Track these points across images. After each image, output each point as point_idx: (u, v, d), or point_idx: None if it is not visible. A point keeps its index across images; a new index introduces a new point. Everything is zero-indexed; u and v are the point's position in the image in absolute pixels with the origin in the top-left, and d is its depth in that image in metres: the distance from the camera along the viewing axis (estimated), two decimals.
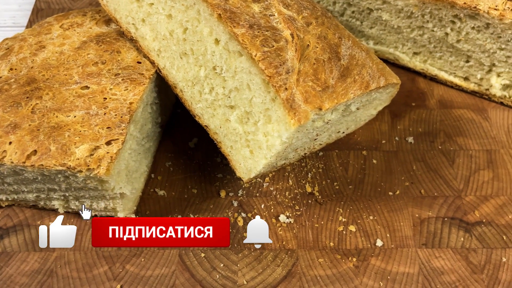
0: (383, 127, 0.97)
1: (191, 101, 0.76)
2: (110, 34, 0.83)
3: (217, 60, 0.70)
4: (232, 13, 0.66)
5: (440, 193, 0.87)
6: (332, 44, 0.71)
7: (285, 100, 0.62)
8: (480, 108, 1.00)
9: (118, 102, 0.73)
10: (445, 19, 0.91)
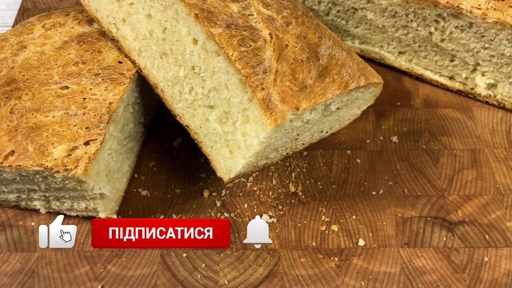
0: (367, 126, 0.97)
1: (172, 101, 0.76)
2: (92, 34, 0.83)
3: (195, 60, 0.69)
4: (210, 13, 0.65)
5: (424, 192, 0.87)
6: (311, 44, 0.71)
7: (262, 100, 0.62)
8: (465, 107, 1.00)
9: (98, 102, 0.72)
10: (429, 18, 0.91)
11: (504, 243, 0.81)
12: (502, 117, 0.98)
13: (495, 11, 0.85)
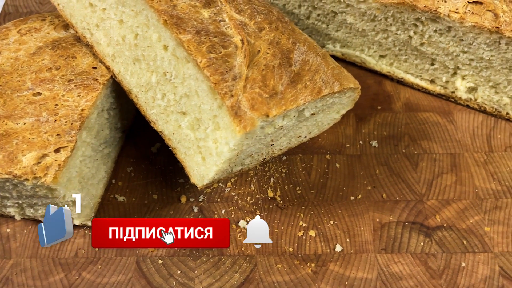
0: (347, 130, 0.96)
1: (146, 107, 0.76)
2: (67, 39, 0.82)
3: (166, 66, 0.69)
4: (179, 19, 0.65)
5: (402, 197, 0.87)
6: (284, 50, 0.70)
7: (230, 107, 0.61)
8: (446, 111, 0.99)
9: (70, 108, 0.72)
10: (408, 22, 0.91)
11: (482, 249, 0.81)
12: (482, 120, 0.98)
13: (473, 15, 0.84)
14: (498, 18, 0.84)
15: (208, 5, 0.69)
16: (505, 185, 0.88)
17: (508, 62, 0.88)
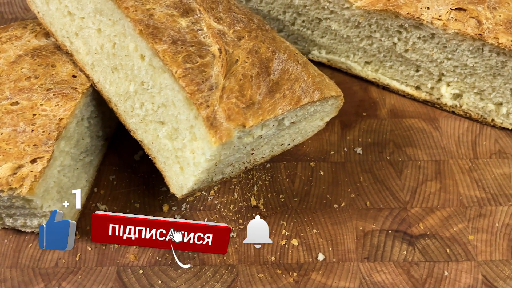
0: (332, 137, 0.96)
1: (125, 116, 0.75)
2: (47, 48, 0.81)
3: (143, 76, 0.68)
4: (155, 29, 0.64)
5: (386, 205, 0.87)
6: (263, 59, 0.70)
7: (206, 118, 0.61)
8: (432, 118, 0.99)
9: (48, 118, 0.71)
10: (392, 29, 0.90)
11: (465, 257, 0.81)
12: (468, 127, 0.97)
13: (456, 22, 0.84)
14: (481, 25, 0.83)
15: (186, 14, 0.69)
16: (489, 193, 0.88)
17: (492, 69, 0.88)
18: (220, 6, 0.74)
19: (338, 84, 1.04)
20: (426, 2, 0.86)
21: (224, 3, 0.76)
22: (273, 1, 0.97)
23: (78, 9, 0.74)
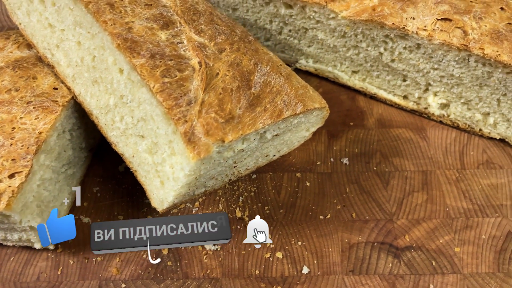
0: (319, 147, 0.95)
1: (106, 129, 0.74)
2: (29, 59, 0.81)
3: (122, 89, 0.68)
4: (133, 42, 0.64)
5: (372, 216, 0.86)
6: (244, 72, 0.69)
7: (183, 134, 0.60)
8: (419, 127, 0.98)
9: (27, 132, 0.70)
10: (377, 39, 0.90)
11: (451, 269, 0.80)
12: (455, 137, 0.97)
13: (442, 32, 0.83)
14: (467, 36, 0.83)
15: (166, 27, 0.68)
16: (476, 204, 0.87)
17: (478, 79, 0.87)
18: (202, 18, 0.73)
19: (326, 93, 1.04)
20: (412, 12, 0.85)
21: (206, 15, 0.75)
22: (259, 10, 0.97)
23: (58, 21, 0.74)
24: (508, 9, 0.86)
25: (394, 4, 0.86)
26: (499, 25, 0.84)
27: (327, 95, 1.04)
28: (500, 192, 0.89)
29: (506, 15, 0.85)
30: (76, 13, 0.70)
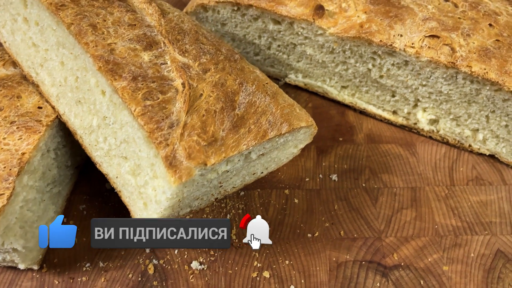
0: (308, 164, 0.95)
1: (90, 149, 0.74)
2: (14, 77, 0.80)
3: (105, 111, 0.67)
4: (115, 65, 0.63)
5: (360, 234, 0.85)
6: (229, 92, 0.69)
7: (165, 158, 0.59)
8: (409, 143, 0.98)
9: (9, 153, 0.70)
10: (365, 56, 0.89)
11: None
12: (445, 152, 0.96)
13: (429, 49, 0.83)
14: (454, 53, 0.82)
15: (150, 48, 0.68)
16: (465, 221, 0.87)
17: (466, 96, 0.87)
18: (187, 38, 0.73)
19: (315, 107, 1.04)
20: (399, 29, 0.85)
21: (192, 34, 0.75)
22: (248, 26, 0.97)
23: (42, 41, 0.73)
24: (496, 25, 0.86)
25: (381, 21, 0.86)
26: (487, 42, 0.83)
27: (316, 110, 1.03)
28: (489, 209, 0.88)
29: (494, 31, 0.85)
30: (58, 33, 0.69)
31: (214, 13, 0.97)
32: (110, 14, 0.69)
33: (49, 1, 0.67)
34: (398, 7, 0.87)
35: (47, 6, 0.67)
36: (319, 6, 0.88)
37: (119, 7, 0.71)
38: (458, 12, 0.87)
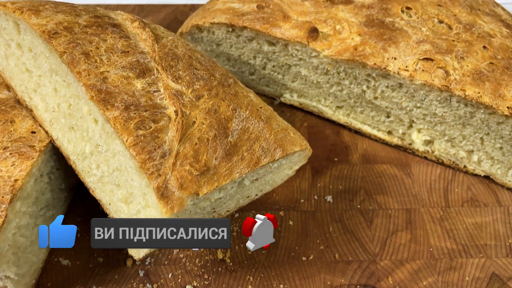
0: (303, 184, 0.94)
1: (83, 175, 0.73)
2: (8, 101, 0.80)
3: (98, 139, 0.67)
4: (108, 94, 0.63)
5: (355, 257, 0.85)
6: (222, 119, 0.69)
7: (156, 189, 0.59)
8: (404, 163, 0.98)
9: (2, 180, 0.70)
10: (360, 77, 0.89)
11: None
12: (440, 173, 0.96)
13: (423, 72, 0.83)
14: (448, 76, 0.82)
15: (143, 75, 0.68)
16: (460, 244, 0.86)
17: (461, 119, 0.87)
18: (180, 63, 0.73)
19: (310, 127, 1.04)
20: (393, 52, 0.85)
21: (185, 59, 0.75)
22: (243, 46, 0.97)
23: (35, 67, 0.73)
24: (490, 47, 0.86)
25: (375, 44, 0.86)
26: (481, 65, 0.84)
27: (311, 129, 1.03)
28: (484, 231, 0.88)
29: (488, 54, 0.85)
30: (51, 61, 0.69)
31: (209, 34, 0.97)
32: (103, 41, 0.69)
33: (42, 29, 0.67)
34: (392, 30, 0.87)
35: (40, 34, 0.67)
36: (313, 28, 0.88)
37: (112, 33, 0.71)
38: (452, 34, 0.87)
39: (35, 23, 0.68)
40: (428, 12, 0.90)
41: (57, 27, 0.68)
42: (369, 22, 0.88)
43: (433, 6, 0.91)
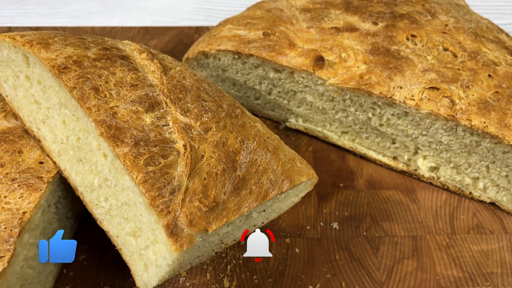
0: (308, 211, 0.94)
1: (91, 206, 0.74)
2: (16, 130, 0.80)
3: (107, 173, 0.67)
4: (117, 130, 0.63)
5: (362, 285, 0.85)
6: (230, 152, 0.69)
7: (166, 226, 0.59)
8: (409, 189, 0.98)
9: (10, 212, 0.70)
10: (365, 105, 0.90)
11: None
12: (446, 199, 0.96)
13: (429, 101, 0.84)
14: (454, 105, 0.83)
15: (152, 109, 0.68)
16: (466, 272, 0.86)
17: (466, 147, 0.87)
18: (188, 96, 0.73)
19: (315, 151, 1.04)
20: (399, 81, 0.85)
21: (194, 90, 0.75)
22: (249, 73, 0.97)
23: (44, 99, 0.74)
24: (495, 76, 0.87)
25: (381, 72, 0.86)
26: (486, 94, 0.84)
27: (317, 154, 1.04)
28: (490, 259, 0.88)
29: (494, 83, 0.86)
30: (61, 94, 0.70)
31: (215, 60, 0.97)
32: (112, 74, 0.70)
33: (51, 64, 0.67)
34: (398, 58, 0.88)
35: (50, 69, 0.67)
36: (319, 57, 0.88)
37: (121, 66, 0.72)
38: (457, 62, 0.88)
39: (45, 57, 0.68)
40: (433, 40, 0.90)
41: (66, 61, 0.68)
42: (374, 50, 0.89)
43: (438, 33, 0.92)
